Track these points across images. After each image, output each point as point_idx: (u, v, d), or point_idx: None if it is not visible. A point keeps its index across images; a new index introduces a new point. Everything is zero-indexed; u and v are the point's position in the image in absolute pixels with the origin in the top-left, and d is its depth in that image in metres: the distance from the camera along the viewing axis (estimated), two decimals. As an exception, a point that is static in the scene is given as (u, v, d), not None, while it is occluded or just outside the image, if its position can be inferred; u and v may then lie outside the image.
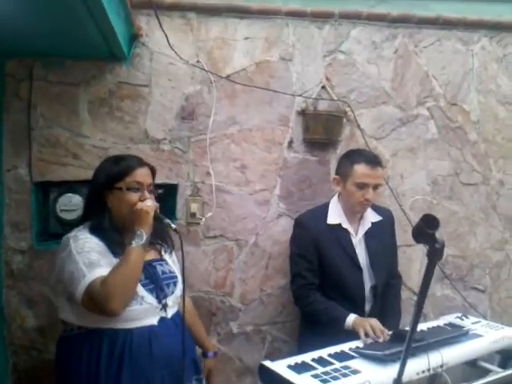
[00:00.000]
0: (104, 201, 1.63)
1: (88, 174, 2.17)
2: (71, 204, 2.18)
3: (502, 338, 1.84)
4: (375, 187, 2.02)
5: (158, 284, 1.62)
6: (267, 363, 1.58)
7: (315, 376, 1.46)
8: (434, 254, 1.03)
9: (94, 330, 1.53)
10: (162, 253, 1.76)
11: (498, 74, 2.59)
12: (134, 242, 1.53)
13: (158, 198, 1.73)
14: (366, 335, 1.80)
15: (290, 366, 1.55)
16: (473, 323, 1.96)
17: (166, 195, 2.28)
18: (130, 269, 1.50)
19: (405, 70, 2.49)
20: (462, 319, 2.01)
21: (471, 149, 2.59)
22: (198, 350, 1.90)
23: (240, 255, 2.37)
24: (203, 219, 2.31)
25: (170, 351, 1.57)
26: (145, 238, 1.55)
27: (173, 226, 1.62)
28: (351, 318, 1.91)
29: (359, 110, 2.45)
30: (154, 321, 1.58)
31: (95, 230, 1.60)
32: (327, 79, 2.42)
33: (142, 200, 1.61)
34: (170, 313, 1.63)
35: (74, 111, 2.19)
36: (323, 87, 2.41)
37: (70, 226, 2.16)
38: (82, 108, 2.20)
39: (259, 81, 2.34)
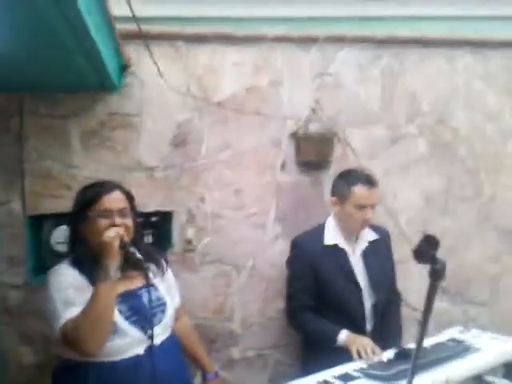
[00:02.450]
0: (79, 232, 1.61)
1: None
2: (66, 236, 2.15)
3: (504, 350, 1.84)
4: (372, 206, 2.05)
5: (142, 315, 1.56)
6: (271, 389, 1.56)
7: (321, 400, 1.45)
8: (436, 275, 1.03)
9: (80, 362, 1.49)
10: (151, 276, 1.66)
11: (483, 90, 2.65)
12: (100, 278, 1.46)
13: (153, 226, 1.72)
14: (359, 355, 1.79)
15: (294, 391, 1.53)
16: (475, 336, 1.95)
17: (162, 223, 2.28)
18: (98, 310, 1.44)
19: (392, 89, 2.53)
20: (464, 332, 2.00)
21: (461, 164, 2.62)
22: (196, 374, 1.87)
23: (238, 279, 2.35)
24: (199, 245, 2.30)
25: (156, 379, 1.53)
26: (112, 271, 1.48)
27: (138, 256, 1.56)
28: (343, 334, 1.91)
29: (349, 130, 2.48)
30: (140, 350, 1.53)
31: (76, 263, 1.58)
32: (316, 101, 2.45)
33: (110, 226, 1.55)
34: (159, 340, 1.58)
35: (65, 143, 2.20)
36: (313, 109, 2.45)
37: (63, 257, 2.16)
38: (73, 140, 2.21)
39: (250, 105, 2.37)
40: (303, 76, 2.44)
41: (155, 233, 2.26)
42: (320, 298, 2.08)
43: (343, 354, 1.83)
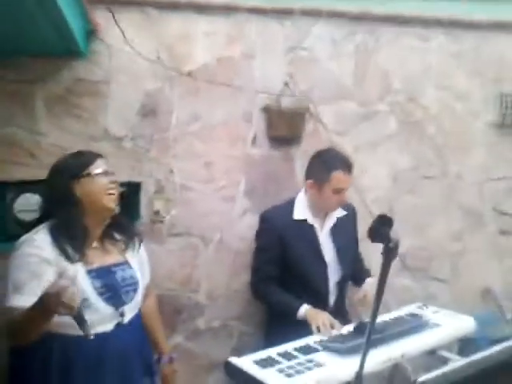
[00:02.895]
0: (70, 193, 1.56)
1: (46, 174, 2.12)
2: (30, 204, 2.11)
3: (460, 326, 1.91)
4: (347, 189, 2.08)
5: (116, 293, 1.56)
6: (233, 360, 1.59)
7: (280, 370, 1.48)
8: (389, 253, 1.06)
9: (45, 334, 1.45)
10: (126, 253, 1.69)
11: (454, 70, 2.67)
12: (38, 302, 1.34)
13: (121, 197, 1.70)
14: (318, 330, 1.84)
15: (255, 362, 1.56)
16: (432, 312, 2.01)
17: (130, 194, 2.25)
18: (33, 322, 1.38)
19: (365, 66, 2.53)
20: (423, 309, 2.07)
21: (430, 143, 2.66)
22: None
23: (206, 252, 2.36)
24: (167, 217, 2.29)
25: (122, 355, 1.55)
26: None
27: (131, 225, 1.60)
28: (304, 309, 1.96)
29: (321, 105, 2.48)
30: (109, 327, 1.53)
31: (58, 229, 1.53)
32: (289, 75, 2.43)
33: (111, 183, 1.60)
34: (128, 318, 1.59)
35: (30, 109, 2.13)
36: (286, 83, 2.43)
37: (30, 226, 2.12)
38: (38, 106, 2.14)
39: (221, 77, 2.33)
40: (277, 49, 2.41)
41: (123, 204, 2.22)
42: (286, 272, 2.11)
43: (305, 327, 1.87)
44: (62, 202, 1.56)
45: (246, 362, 1.56)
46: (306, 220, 2.11)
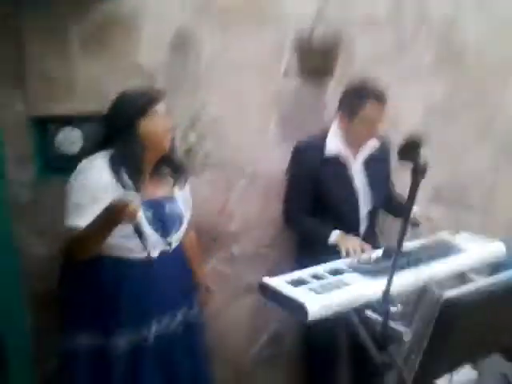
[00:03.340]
0: (134, 128, 1.63)
1: (85, 107, 2.19)
2: (70, 138, 2.20)
3: (489, 251, 1.94)
4: (381, 122, 2.05)
5: (164, 223, 1.69)
6: (266, 280, 1.69)
7: (311, 289, 1.57)
8: (418, 172, 1.07)
9: (95, 256, 1.59)
10: (174, 187, 1.80)
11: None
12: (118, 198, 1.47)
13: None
14: (348, 254, 1.90)
15: (287, 282, 1.65)
16: (464, 239, 2.04)
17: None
18: (95, 233, 1.51)
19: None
20: (454, 235, 2.09)
21: (469, 73, 2.57)
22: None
23: (239, 183, 2.42)
24: (201, 150, 2.33)
25: (166, 281, 1.68)
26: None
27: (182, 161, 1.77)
28: (334, 234, 2.01)
29: (356, 36, 2.40)
30: (155, 253, 1.65)
31: (118, 160, 1.61)
32: (323, 5, 2.35)
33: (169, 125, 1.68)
34: (173, 247, 1.73)
35: (65, 45, 2.16)
36: (319, 13, 2.35)
37: (71, 160, 2.21)
38: (72, 40, 2.16)
39: (253, 8, 2.27)
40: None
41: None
42: (317, 202, 2.15)
43: (335, 253, 1.94)
44: (125, 134, 1.63)
45: (278, 282, 1.66)
46: (338, 152, 2.12)
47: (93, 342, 1.63)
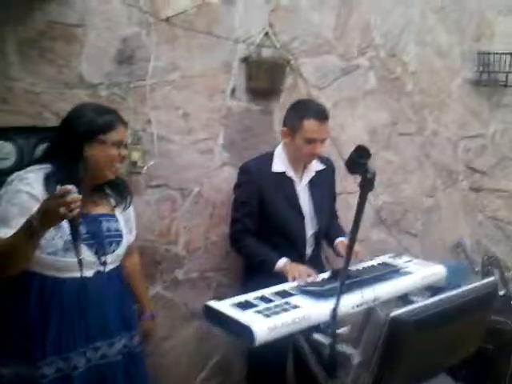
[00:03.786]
0: (79, 151, 1.54)
1: (19, 120, 2.06)
2: (3, 152, 2.05)
3: (431, 274, 1.99)
4: (323, 141, 2.06)
5: (99, 240, 1.58)
6: (212, 303, 1.62)
7: (258, 312, 1.52)
8: (366, 184, 1.07)
9: (26, 272, 1.46)
10: (115, 208, 1.71)
11: (435, 25, 2.67)
12: (23, 227, 1.34)
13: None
14: (294, 279, 1.87)
15: (233, 305, 1.59)
16: (405, 262, 2.08)
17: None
18: (8, 252, 1.37)
19: (347, 18, 2.50)
20: (395, 258, 2.13)
21: (408, 100, 2.68)
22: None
23: (184, 204, 2.36)
24: (145, 168, 2.26)
25: (99, 305, 1.56)
26: (35, 236, 1.35)
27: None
28: (282, 262, 1.99)
29: (302, 58, 2.45)
30: (89, 273, 1.54)
31: (54, 176, 1.50)
32: (270, 26, 2.39)
33: (120, 156, 1.59)
34: (108, 268, 1.61)
35: (1, 52, 2.04)
36: (266, 34, 2.38)
37: (2, 175, 2.06)
38: (10, 49, 2.04)
39: (200, 25, 2.26)
40: (258, -3, 2.35)
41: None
42: (264, 223, 2.13)
43: (282, 279, 1.90)
44: (69, 153, 1.54)
45: (224, 305, 1.60)
46: (284, 172, 2.12)
47: (16, 371, 1.47)
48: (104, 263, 1.58)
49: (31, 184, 1.48)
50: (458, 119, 2.79)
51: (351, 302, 1.67)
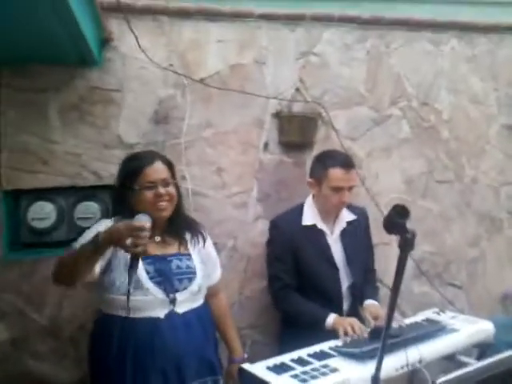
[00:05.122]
0: (125, 200, 1.66)
1: (59, 181, 2.14)
2: (43, 212, 2.13)
3: (478, 331, 1.87)
4: (350, 189, 2.04)
5: (167, 278, 1.61)
6: (246, 366, 1.57)
7: (294, 376, 1.46)
8: (406, 244, 1.03)
9: (108, 315, 1.61)
10: (189, 246, 1.75)
11: (467, 73, 2.65)
12: (92, 240, 1.45)
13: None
14: (346, 334, 1.80)
15: (268, 368, 1.53)
16: (450, 318, 1.97)
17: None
18: (74, 259, 1.49)
19: (377, 71, 2.52)
20: (439, 314, 2.02)
21: (444, 147, 2.64)
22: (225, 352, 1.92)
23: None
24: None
25: (173, 347, 1.56)
26: (99, 250, 1.45)
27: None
28: (331, 318, 1.91)
29: (333, 111, 2.47)
30: (160, 314, 1.58)
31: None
32: (301, 81, 2.43)
33: (156, 196, 1.63)
34: (182, 309, 1.62)
35: (44, 117, 2.15)
36: (297, 89, 2.43)
37: (43, 234, 2.13)
38: (52, 114, 2.16)
39: (233, 84, 2.33)
40: (288, 55, 2.41)
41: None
42: (298, 278, 2.08)
43: (321, 335, 1.84)
44: (120, 204, 1.68)
45: (259, 369, 1.54)
46: (315, 225, 2.09)
47: None
48: (173, 301, 1.59)
49: (107, 224, 1.59)
50: (497, 165, 2.71)
51: (394, 363, 1.57)
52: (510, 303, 2.72)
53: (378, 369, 1.25)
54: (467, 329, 1.86)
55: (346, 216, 2.15)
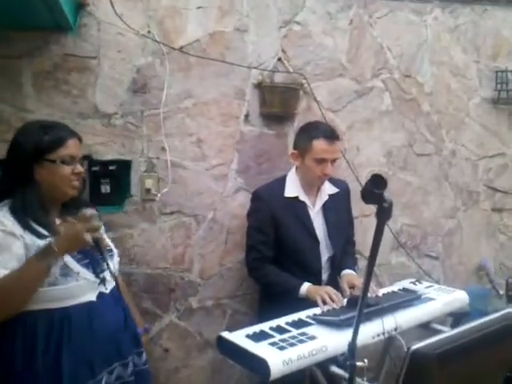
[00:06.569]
0: (29, 174, 1.46)
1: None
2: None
3: (453, 300, 1.92)
4: (333, 161, 2.03)
5: (93, 258, 1.52)
6: (225, 334, 1.58)
7: (273, 344, 1.48)
8: (383, 214, 1.03)
9: (28, 312, 1.41)
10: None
11: (450, 45, 2.64)
12: (39, 255, 1.34)
13: (111, 175, 1.65)
14: (324, 303, 1.83)
15: (248, 336, 1.55)
16: (426, 288, 2.02)
17: (120, 172, 2.22)
18: (18, 288, 1.35)
19: (360, 41, 2.49)
20: (416, 284, 2.07)
21: (424, 120, 2.64)
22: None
23: (198, 231, 2.34)
24: (159, 195, 2.25)
25: (110, 327, 1.51)
26: (54, 262, 1.36)
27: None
28: (305, 287, 1.94)
29: (315, 82, 2.44)
30: (92, 297, 1.49)
31: (18, 209, 1.44)
32: (283, 51, 2.39)
33: (73, 174, 1.50)
34: (109, 287, 1.55)
35: (17, 85, 2.07)
36: (279, 59, 2.39)
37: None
38: (25, 81, 2.08)
39: (214, 53, 2.28)
40: (270, 23, 2.36)
41: (113, 182, 2.21)
42: (278, 249, 2.09)
43: (300, 305, 1.86)
44: (20, 181, 1.46)
45: (238, 337, 1.56)
46: (297, 197, 2.09)
47: None
48: (103, 280, 1.52)
49: (1, 221, 1.41)
50: (476, 138, 2.73)
51: (370, 331, 1.61)
52: (484, 274, 2.79)
53: (355, 336, 1.27)
54: (443, 298, 1.90)
55: (328, 189, 2.15)
